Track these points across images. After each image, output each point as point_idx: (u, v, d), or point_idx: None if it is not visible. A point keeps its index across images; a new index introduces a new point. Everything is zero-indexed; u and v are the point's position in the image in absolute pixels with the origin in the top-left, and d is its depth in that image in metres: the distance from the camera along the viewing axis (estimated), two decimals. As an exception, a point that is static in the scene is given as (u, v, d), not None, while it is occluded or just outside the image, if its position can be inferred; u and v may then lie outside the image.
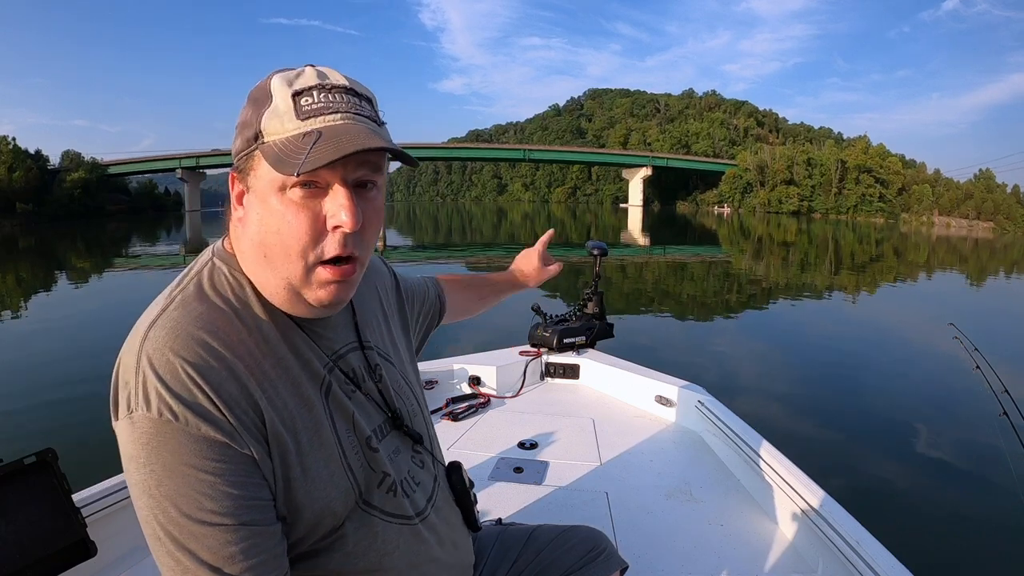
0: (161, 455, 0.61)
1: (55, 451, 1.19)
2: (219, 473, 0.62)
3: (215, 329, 0.66)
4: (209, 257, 0.74)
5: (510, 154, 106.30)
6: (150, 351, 0.63)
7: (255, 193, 0.68)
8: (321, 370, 0.75)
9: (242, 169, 0.69)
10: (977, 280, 17.58)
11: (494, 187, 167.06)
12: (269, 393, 0.68)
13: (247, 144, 0.67)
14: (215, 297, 0.69)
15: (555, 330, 2.89)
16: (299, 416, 0.70)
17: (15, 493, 1.12)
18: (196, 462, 0.61)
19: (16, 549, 1.08)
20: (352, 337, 0.83)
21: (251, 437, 0.64)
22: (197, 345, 0.64)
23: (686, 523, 1.73)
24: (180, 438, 0.61)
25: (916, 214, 70.79)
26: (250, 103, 0.68)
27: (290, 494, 0.67)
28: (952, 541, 3.29)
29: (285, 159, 0.63)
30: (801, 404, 5.58)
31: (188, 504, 0.61)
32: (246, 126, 0.67)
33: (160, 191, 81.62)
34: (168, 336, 0.63)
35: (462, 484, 0.95)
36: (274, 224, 0.66)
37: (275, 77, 0.67)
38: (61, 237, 32.42)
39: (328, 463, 0.71)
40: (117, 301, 11.09)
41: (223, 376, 0.64)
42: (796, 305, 11.42)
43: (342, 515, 0.72)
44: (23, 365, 6.42)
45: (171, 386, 0.61)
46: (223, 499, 0.62)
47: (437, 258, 20.20)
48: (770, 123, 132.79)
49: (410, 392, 0.91)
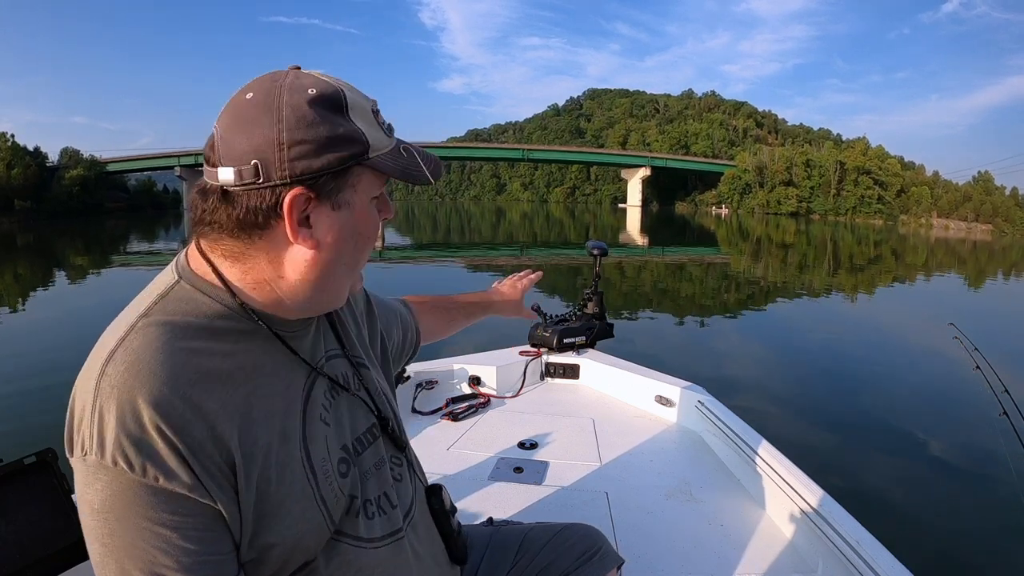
0: (115, 505, 0.57)
1: (55, 451, 1.18)
2: (176, 527, 0.58)
3: (180, 364, 0.60)
4: (174, 280, 0.66)
5: (509, 154, 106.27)
6: (106, 390, 0.57)
7: (352, 208, 0.66)
8: (304, 380, 0.72)
9: (332, 188, 0.63)
10: (976, 282, 17.62)
11: (493, 187, 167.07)
12: (241, 427, 0.63)
13: (345, 160, 0.62)
14: (180, 324, 0.62)
15: (555, 330, 2.89)
16: (272, 451, 0.66)
17: (15, 493, 1.12)
18: (153, 515, 0.57)
19: (16, 549, 1.08)
20: (333, 344, 0.82)
21: (216, 485, 0.60)
22: (159, 384, 0.58)
23: (686, 523, 1.73)
24: (136, 490, 0.57)
25: (915, 216, 70.91)
26: (323, 108, 0.62)
27: (259, 534, 0.64)
28: (952, 541, 3.30)
29: (410, 171, 0.68)
30: (801, 404, 5.58)
31: (141, 559, 0.58)
32: (342, 141, 0.62)
33: (159, 189, 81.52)
34: (127, 372, 0.57)
35: (443, 511, 0.90)
36: (368, 231, 0.69)
37: (346, 88, 0.64)
38: (60, 235, 32.36)
39: (301, 498, 0.67)
40: (116, 299, 10.96)
41: (187, 418, 0.58)
42: (796, 305, 11.44)
43: (315, 550, 0.69)
44: (23, 365, 6.42)
45: (129, 432, 0.56)
46: (179, 555, 0.58)
47: (436, 258, 20.19)
48: (769, 124, 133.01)
49: (386, 401, 0.88)
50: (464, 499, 1.83)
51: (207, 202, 0.64)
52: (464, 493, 1.87)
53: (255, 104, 0.61)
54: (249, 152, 0.60)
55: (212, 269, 0.66)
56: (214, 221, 0.64)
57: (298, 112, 0.60)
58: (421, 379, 2.59)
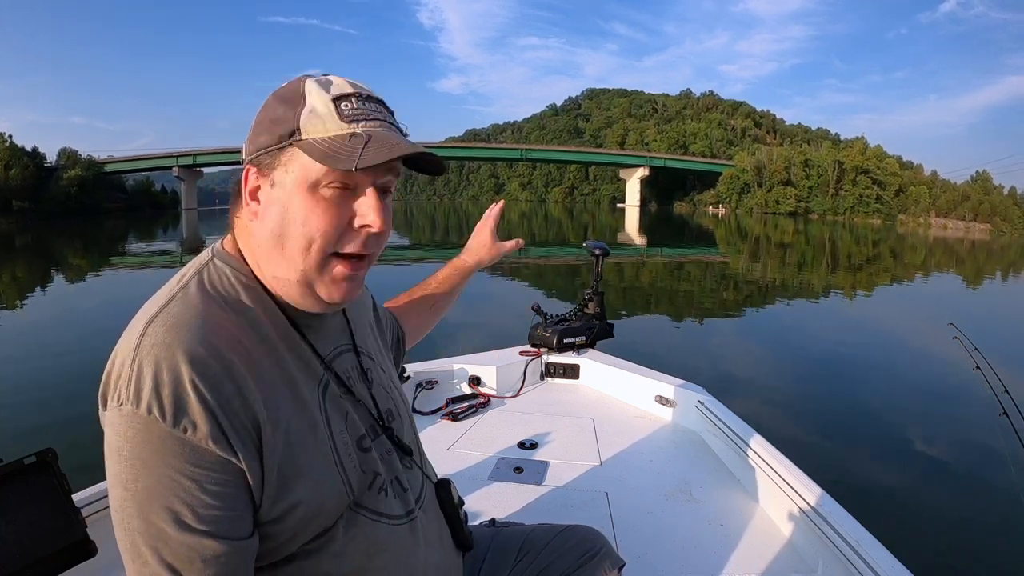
0: (143, 452, 0.61)
1: (55, 451, 1.18)
2: (197, 478, 0.61)
3: (215, 327, 0.66)
4: (209, 257, 0.74)
5: (507, 154, 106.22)
6: (147, 347, 0.62)
7: (282, 187, 0.69)
8: (319, 369, 0.76)
9: (266, 164, 0.70)
10: (974, 281, 17.63)
11: (491, 187, 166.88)
12: (266, 393, 0.67)
13: (278, 140, 0.68)
14: (215, 296, 0.70)
15: (555, 330, 2.89)
16: (294, 416, 0.70)
17: (15, 493, 1.11)
18: (177, 464, 0.61)
19: (16, 549, 1.08)
20: (345, 339, 0.84)
21: (241, 441, 0.64)
22: (196, 343, 0.63)
23: (686, 523, 1.73)
24: (165, 438, 0.60)
25: (913, 215, 70.93)
26: (279, 102, 0.70)
27: (281, 496, 0.67)
28: (952, 541, 3.30)
29: (335, 155, 0.66)
30: (801, 404, 5.59)
31: (160, 505, 0.61)
32: (278, 122, 0.69)
33: (157, 189, 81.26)
34: (167, 333, 0.63)
35: (451, 502, 0.94)
36: (301, 216, 0.68)
37: (308, 81, 0.70)
38: (58, 235, 32.32)
39: (322, 464, 0.71)
40: (115, 299, 11.05)
41: (220, 376, 0.63)
42: (795, 305, 11.45)
43: (334, 516, 0.72)
44: (22, 365, 6.40)
45: (165, 384, 0.61)
46: (196, 505, 0.61)
47: (434, 258, 20.18)
48: (768, 124, 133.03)
49: (398, 398, 0.92)
50: (464, 499, 1.83)
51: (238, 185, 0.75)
52: (464, 493, 1.85)
53: None
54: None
55: (238, 248, 0.75)
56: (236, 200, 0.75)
57: (266, 102, 0.72)
58: (421, 379, 2.59)
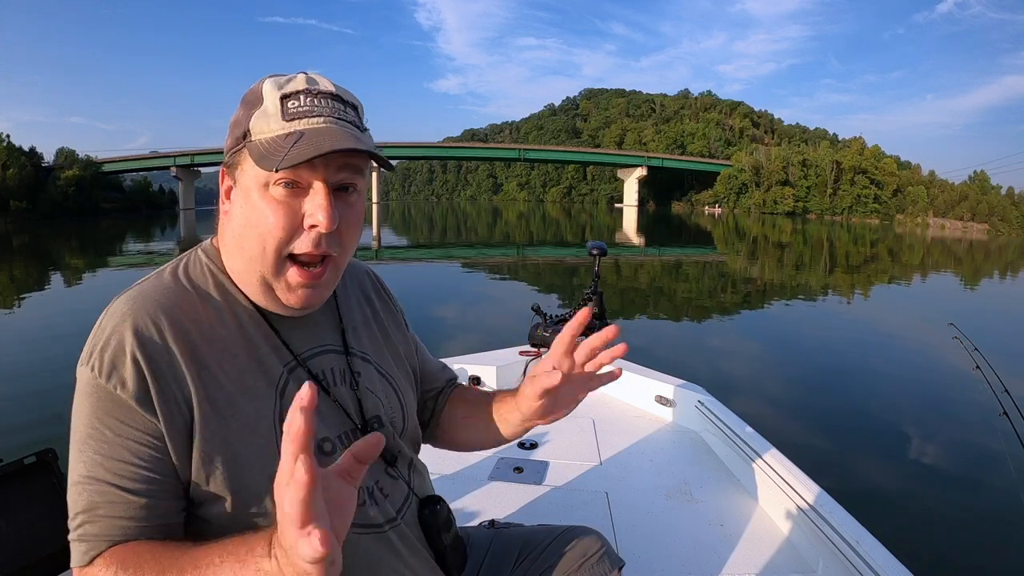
0: (82, 405, 0.69)
1: (55, 451, 1.19)
2: (121, 433, 0.68)
3: (171, 305, 0.72)
4: (194, 249, 0.81)
5: (505, 154, 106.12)
6: (107, 316, 0.71)
7: (240, 188, 0.73)
8: (279, 367, 0.76)
9: (231, 165, 0.74)
10: (973, 281, 17.67)
11: (489, 186, 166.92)
12: (206, 372, 0.71)
13: (236, 142, 0.73)
14: (184, 280, 0.76)
15: (555, 330, 2.88)
16: (236, 402, 0.72)
17: (15, 493, 1.12)
18: (104, 419, 0.68)
19: (16, 549, 1.08)
20: (333, 339, 0.84)
21: (167, 407, 0.68)
22: (144, 314, 0.70)
23: (686, 523, 1.73)
24: (99, 393, 0.68)
25: (911, 215, 71.00)
26: (242, 104, 0.74)
27: (208, 474, 0.69)
28: (952, 541, 3.30)
29: (267, 155, 0.68)
30: (801, 404, 5.59)
31: (86, 455, 0.68)
32: (236, 125, 0.73)
33: (155, 189, 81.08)
34: (125, 305, 0.71)
35: (434, 521, 0.87)
36: (253, 218, 0.71)
37: (267, 81, 0.72)
38: (56, 235, 32.24)
39: (261, 455, 0.70)
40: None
41: (160, 347, 0.69)
42: (794, 305, 11.45)
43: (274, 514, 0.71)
44: (22, 365, 6.39)
45: (110, 348, 0.68)
46: (114, 458, 0.67)
47: (433, 258, 20.18)
48: (765, 124, 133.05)
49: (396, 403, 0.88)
50: (464, 499, 1.83)
51: None
52: (464, 493, 1.87)
53: None
54: None
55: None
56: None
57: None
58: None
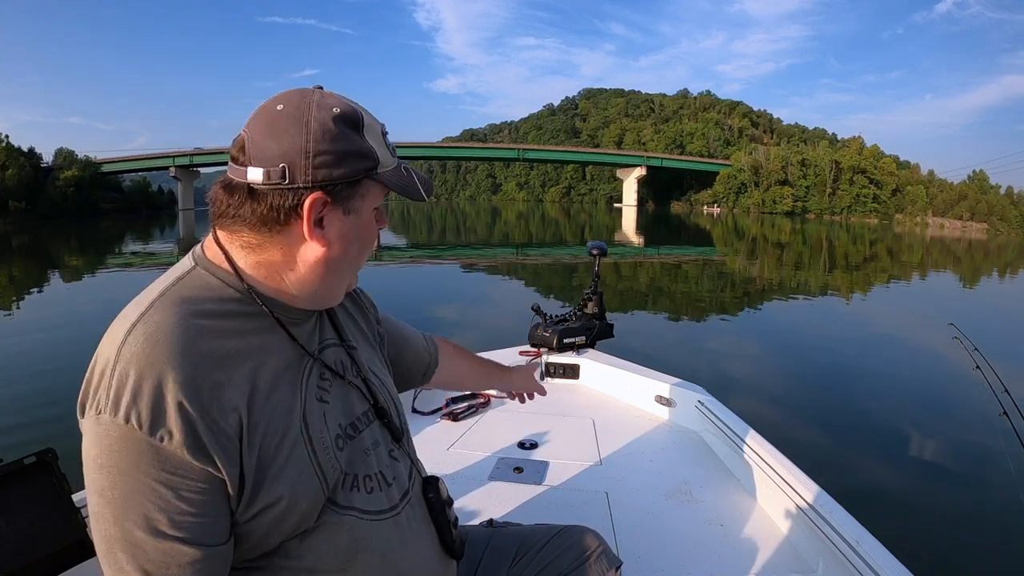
0: (120, 460, 0.62)
1: (55, 451, 1.18)
2: (173, 486, 0.63)
3: (195, 336, 0.66)
4: (192, 265, 0.74)
5: (505, 154, 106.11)
6: (126, 356, 0.63)
7: (357, 215, 0.74)
8: (299, 367, 0.77)
9: (345, 196, 0.72)
10: (972, 281, 17.69)
11: (488, 186, 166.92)
12: (245, 399, 0.68)
13: (359, 172, 0.71)
14: (196, 302, 0.69)
15: (555, 330, 2.89)
16: (274, 419, 0.71)
17: (15, 493, 1.11)
18: (154, 473, 0.62)
19: (16, 549, 1.08)
20: (331, 334, 0.86)
21: (220, 449, 0.65)
22: (176, 351, 0.64)
23: (686, 523, 1.73)
24: (142, 447, 0.62)
25: (910, 215, 71.09)
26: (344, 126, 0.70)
27: (256, 496, 0.68)
28: (952, 541, 3.30)
29: (407, 189, 0.76)
30: (801, 404, 5.59)
31: (136, 510, 0.62)
32: (358, 156, 0.71)
33: (154, 189, 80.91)
34: (146, 342, 0.63)
35: (438, 500, 0.91)
36: (369, 237, 0.77)
37: (354, 107, 0.73)
38: (55, 236, 32.21)
39: (298, 464, 0.72)
40: (112, 300, 11.01)
41: (199, 385, 0.64)
42: (794, 305, 11.46)
43: (310, 513, 0.73)
44: (22, 365, 6.37)
45: (144, 394, 0.61)
46: (172, 512, 0.63)
47: (432, 258, 20.17)
48: (764, 123, 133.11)
49: (392, 389, 0.94)
50: (464, 498, 1.83)
51: (233, 197, 0.71)
52: (464, 492, 1.87)
53: (286, 115, 0.69)
54: (278, 156, 0.68)
55: (226, 257, 0.73)
56: (238, 215, 0.71)
57: (324, 126, 0.69)
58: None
